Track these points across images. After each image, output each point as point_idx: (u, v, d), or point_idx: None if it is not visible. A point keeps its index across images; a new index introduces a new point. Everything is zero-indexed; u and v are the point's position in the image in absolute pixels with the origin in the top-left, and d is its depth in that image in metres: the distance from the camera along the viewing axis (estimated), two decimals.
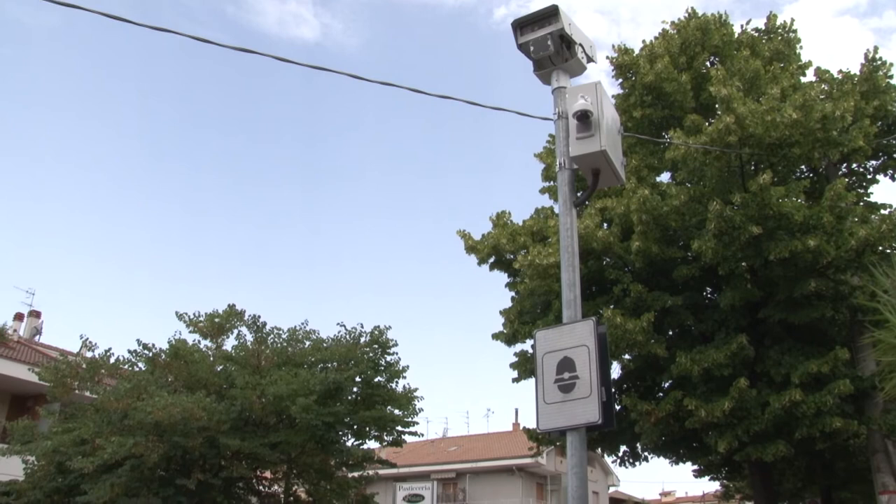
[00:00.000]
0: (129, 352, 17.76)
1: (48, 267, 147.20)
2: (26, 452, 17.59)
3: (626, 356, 13.55)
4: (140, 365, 17.82)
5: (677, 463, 18.56)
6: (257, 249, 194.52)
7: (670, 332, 13.91)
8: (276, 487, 20.33)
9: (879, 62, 14.53)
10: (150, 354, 17.68)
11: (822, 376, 11.65)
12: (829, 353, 11.59)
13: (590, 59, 5.73)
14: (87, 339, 17.86)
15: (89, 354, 17.71)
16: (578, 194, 5.18)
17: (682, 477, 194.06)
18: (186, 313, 18.24)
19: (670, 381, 13.48)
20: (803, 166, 14.06)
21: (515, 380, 14.71)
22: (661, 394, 14.03)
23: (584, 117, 5.09)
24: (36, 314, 37.29)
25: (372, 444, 19.77)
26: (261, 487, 19.78)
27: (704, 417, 11.78)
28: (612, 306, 12.36)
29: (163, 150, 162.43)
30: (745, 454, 12.58)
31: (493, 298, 64.23)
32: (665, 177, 14.77)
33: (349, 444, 18.87)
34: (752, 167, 12.94)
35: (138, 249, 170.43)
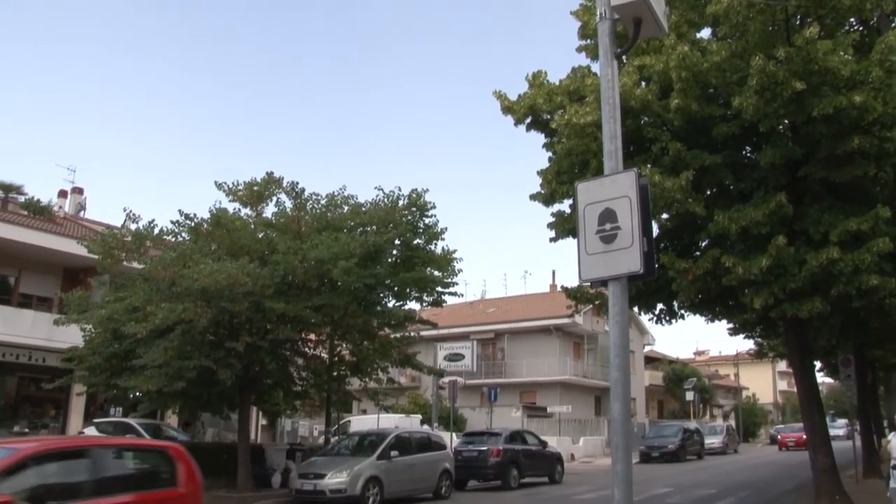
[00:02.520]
0: (172, 222, 18.16)
1: (87, 144, 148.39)
2: (83, 321, 18.32)
3: (664, 215, 13.49)
4: (183, 235, 18.22)
5: (713, 321, 18.80)
6: (294, 119, 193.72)
7: (709, 191, 13.77)
8: (320, 349, 21.08)
9: None
10: (193, 224, 18.05)
11: (861, 234, 11.54)
12: (870, 212, 11.43)
13: None
14: (131, 211, 18.21)
15: (133, 227, 18.11)
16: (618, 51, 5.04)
17: (716, 336, 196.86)
18: (225, 182, 18.47)
19: (708, 240, 13.45)
20: (853, 18, 13.44)
21: (553, 240, 14.78)
22: (698, 252, 14.04)
23: None
24: (79, 190, 37.99)
25: (413, 306, 20.28)
26: (306, 349, 20.52)
27: (741, 275, 11.82)
28: (650, 165, 12.22)
29: (198, 25, 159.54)
30: (780, 311, 12.67)
31: (531, 160, 63.89)
32: (706, 33, 14.25)
33: (390, 305, 19.36)
34: (798, 21, 12.41)
35: (176, 123, 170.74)
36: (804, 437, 41.35)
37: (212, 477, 18.80)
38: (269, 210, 18.99)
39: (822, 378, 36.80)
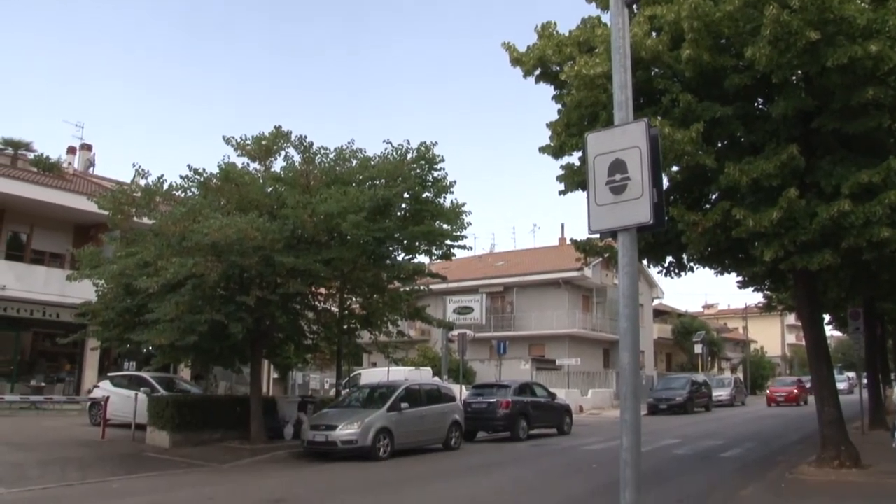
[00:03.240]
0: (181, 177, 18.13)
1: (94, 101, 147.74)
2: (95, 276, 18.45)
3: (674, 168, 13.40)
4: (193, 190, 18.20)
5: (722, 274, 18.79)
6: (300, 77, 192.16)
7: (719, 144, 13.63)
8: (330, 302, 21.21)
9: None
10: (202, 179, 18.03)
11: (873, 187, 11.43)
12: (882, 164, 11.33)
13: None
14: (140, 166, 18.20)
15: (143, 182, 18.12)
16: None
17: (725, 289, 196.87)
18: (233, 137, 18.39)
19: (718, 193, 13.37)
20: None
21: (562, 193, 14.71)
22: (708, 205, 13.98)
23: None
24: (87, 147, 38.03)
25: (422, 259, 20.32)
26: (316, 303, 20.64)
27: (752, 227, 11.77)
28: (660, 117, 12.10)
29: None
30: (790, 263, 12.64)
31: (540, 114, 63.40)
32: None
33: (400, 258, 19.40)
34: None
35: (182, 82, 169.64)
36: (795, 391, 40.97)
37: (225, 429, 19.17)
38: (278, 164, 18.97)
39: (830, 331, 36.84)
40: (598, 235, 13.62)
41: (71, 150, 37.17)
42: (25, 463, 14.97)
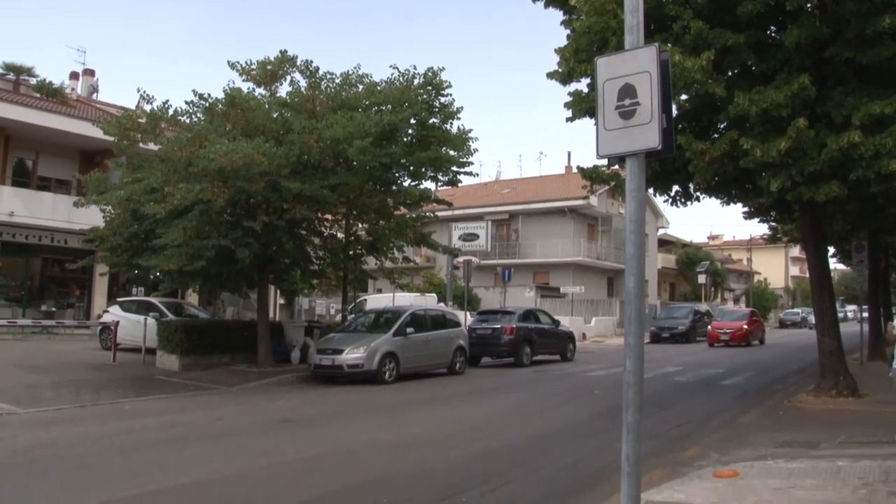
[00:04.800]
0: (187, 103, 18.00)
1: (96, 26, 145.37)
2: (102, 202, 18.50)
3: (684, 96, 13.26)
4: (198, 115, 18.10)
5: (728, 204, 18.77)
6: (306, 5, 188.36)
7: (730, 72, 13.46)
8: (336, 228, 21.29)
9: None
10: (207, 104, 17.89)
11: (884, 118, 11.30)
12: (895, 95, 11.22)
13: None
14: (145, 92, 18.05)
15: (148, 108, 18.00)
16: None
17: (730, 220, 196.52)
18: (238, 62, 18.18)
19: (727, 122, 13.25)
20: None
21: (569, 119, 14.58)
22: (716, 134, 13.87)
23: None
24: (90, 72, 37.72)
25: (428, 185, 20.31)
26: (322, 229, 20.71)
27: (759, 157, 11.70)
28: (670, 44, 11.92)
29: None
30: (797, 194, 12.61)
31: (549, 40, 62.26)
32: None
33: (406, 184, 19.38)
34: None
35: (185, 6, 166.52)
36: (745, 327, 33.87)
37: (233, 353, 19.48)
38: (284, 90, 18.81)
39: (834, 264, 36.93)
40: (605, 162, 13.65)
41: (74, 76, 36.86)
42: (40, 385, 15.28)
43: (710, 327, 35.62)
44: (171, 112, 17.82)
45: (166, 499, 7.13)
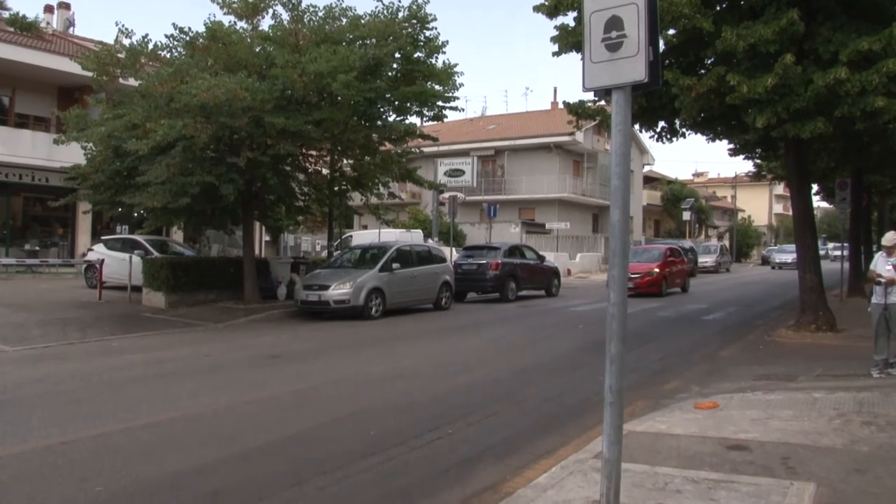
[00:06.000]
0: (167, 37, 17.67)
1: None
2: (83, 139, 18.28)
3: (671, 31, 13.12)
4: (179, 50, 17.77)
5: (714, 140, 18.75)
6: None
7: (718, 7, 13.32)
8: (321, 164, 21.17)
9: None
10: (188, 38, 17.56)
11: (872, 55, 11.25)
12: (884, 31, 11.10)
13: None
14: (123, 25, 17.65)
15: (127, 42, 17.64)
16: None
17: (715, 158, 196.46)
18: None
19: (714, 58, 13.16)
20: None
21: (556, 53, 14.40)
22: (703, 70, 13.78)
23: None
24: (65, 6, 36.68)
25: (414, 120, 20.18)
26: (307, 164, 20.59)
27: (746, 93, 11.65)
28: None
29: None
30: (782, 131, 12.59)
31: None
32: None
33: (391, 119, 19.24)
34: None
35: None
36: (656, 270, 24.96)
37: (219, 290, 19.52)
38: (266, 23, 18.47)
39: (817, 202, 37.12)
40: (591, 97, 13.54)
41: (48, 9, 35.87)
42: (26, 323, 15.31)
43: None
44: (150, 46, 17.52)
45: (156, 432, 7.22)
